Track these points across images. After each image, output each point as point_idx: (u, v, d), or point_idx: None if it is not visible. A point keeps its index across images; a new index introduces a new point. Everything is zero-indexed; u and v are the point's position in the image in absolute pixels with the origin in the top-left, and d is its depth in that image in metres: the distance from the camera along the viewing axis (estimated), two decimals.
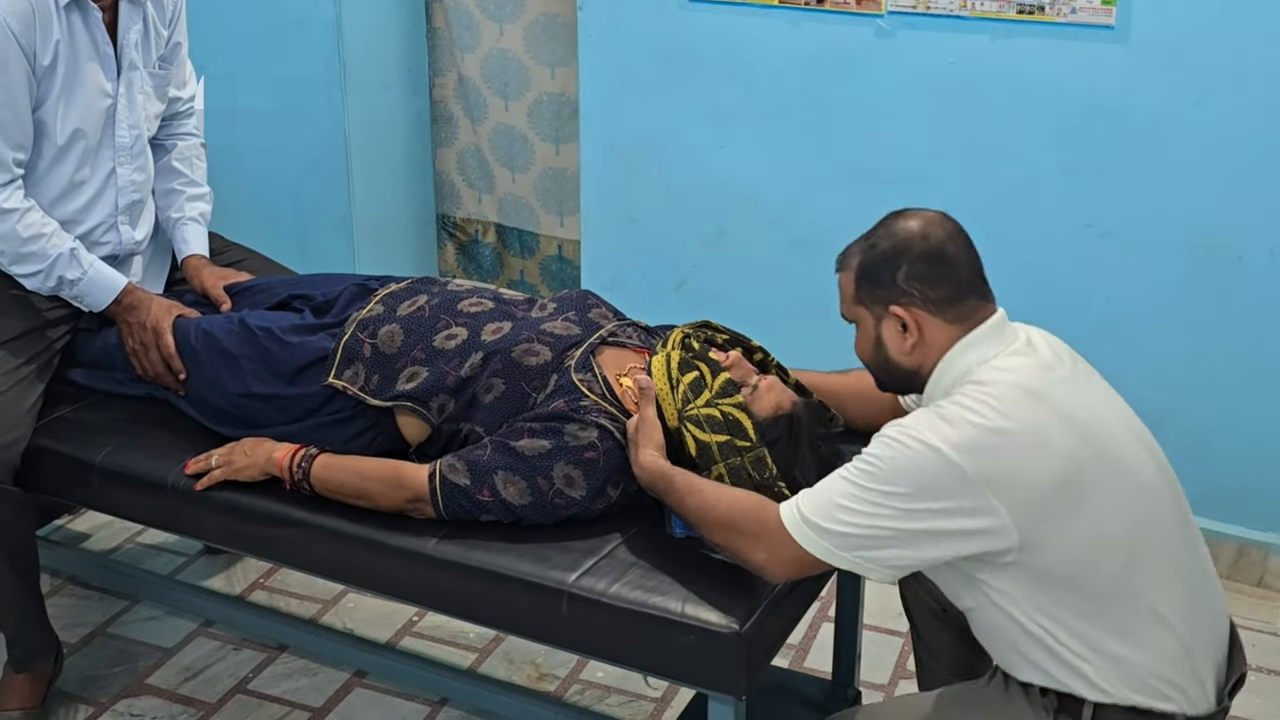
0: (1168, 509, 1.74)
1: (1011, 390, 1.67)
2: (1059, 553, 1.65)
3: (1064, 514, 1.64)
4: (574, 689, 2.67)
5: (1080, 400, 1.71)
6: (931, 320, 1.75)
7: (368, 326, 2.26)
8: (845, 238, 3.20)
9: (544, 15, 3.93)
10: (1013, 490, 1.62)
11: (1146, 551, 1.68)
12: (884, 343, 1.80)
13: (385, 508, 2.06)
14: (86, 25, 2.39)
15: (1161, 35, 2.75)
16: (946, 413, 1.67)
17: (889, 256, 1.76)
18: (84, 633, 2.82)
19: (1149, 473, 1.73)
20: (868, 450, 1.69)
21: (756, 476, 1.90)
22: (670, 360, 2.00)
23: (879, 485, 1.65)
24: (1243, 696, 2.63)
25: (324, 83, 3.83)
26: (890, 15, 2.99)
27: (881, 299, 1.77)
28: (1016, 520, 1.62)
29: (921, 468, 1.63)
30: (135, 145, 2.55)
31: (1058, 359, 1.75)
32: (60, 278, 2.41)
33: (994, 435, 1.63)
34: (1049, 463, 1.63)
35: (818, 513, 1.70)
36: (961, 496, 1.62)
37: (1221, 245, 2.83)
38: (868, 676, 2.60)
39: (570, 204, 4.09)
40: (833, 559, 1.69)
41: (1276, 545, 2.99)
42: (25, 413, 2.37)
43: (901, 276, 1.75)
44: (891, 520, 1.65)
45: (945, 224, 1.78)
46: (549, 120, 4.05)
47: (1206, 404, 2.94)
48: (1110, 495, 1.66)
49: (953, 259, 1.75)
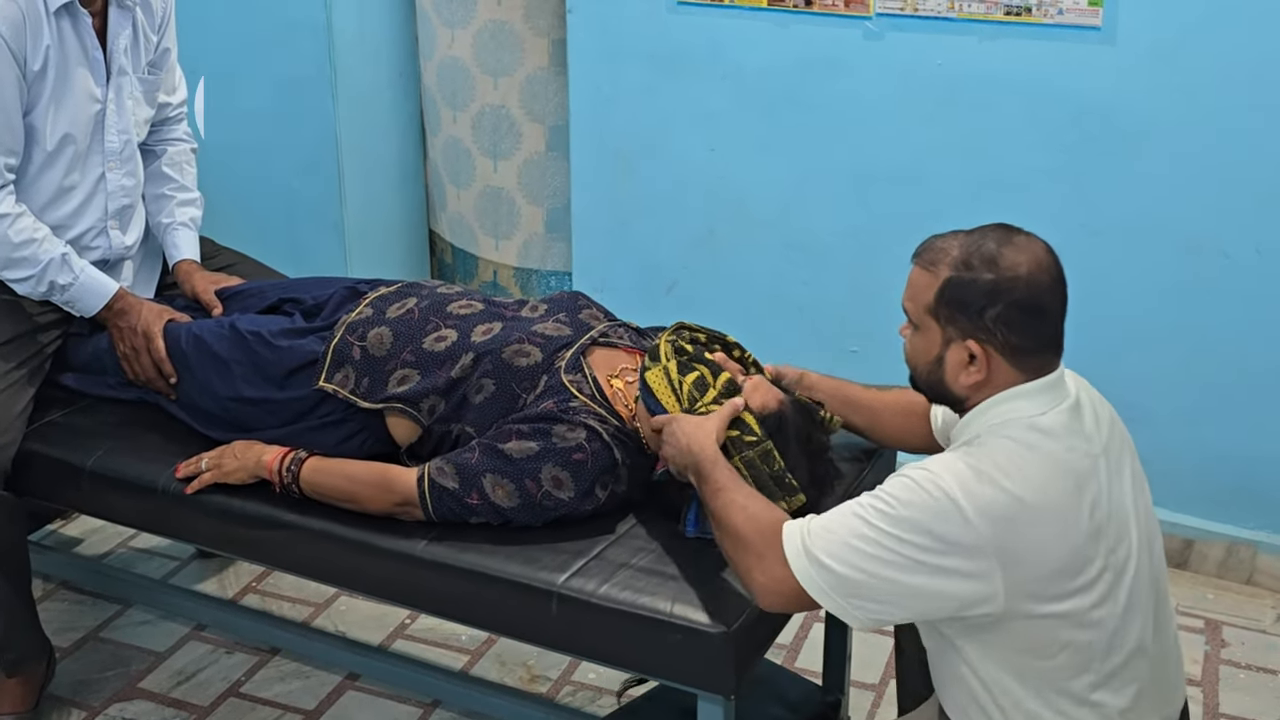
0: (1148, 613, 1.72)
1: (1050, 464, 1.62)
2: (1030, 632, 1.63)
3: (1053, 600, 1.61)
4: (566, 690, 2.67)
5: (1108, 491, 1.66)
6: (1003, 364, 1.67)
7: (357, 329, 2.27)
8: (835, 239, 3.24)
9: (492, 22, 3.69)
10: (1018, 568, 1.59)
11: (1111, 649, 1.67)
12: (944, 364, 1.70)
13: (374, 511, 2.07)
14: (76, 31, 2.40)
15: (1148, 36, 2.76)
16: (978, 463, 1.61)
17: (986, 291, 1.65)
18: (76, 637, 2.83)
19: (1141, 576, 1.70)
20: (887, 489, 1.64)
21: (767, 469, 1.89)
22: (669, 371, 2.01)
23: (892, 529, 1.60)
24: (1232, 694, 2.66)
25: (315, 86, 3.83)
26: (878, 17, 3.00)
27: (961, 327, 1.67)
28: (1008, 596, 1.59)
29: (938, 519, 1.58)
30: (125, 150, 2.55)
31: (1097, 429, 1.71)
32: (51, 283, 2.41)
33: (1019, 507, 1.59)
34: (1061, 551, 1.60)
35: (822, 547, 1.65)
36: (968, 559, 1.59)
37: (1209, 244, 2.84)
38: (858, 677, 2.61)
39: (506, 226, 3.89)
40: (824, 599, 1.65)
41: (1265, 543, 3.00)
42: (16, 417, 2.37)
43: (991, 316, 1.64)
44: (895, 570, 1.61)
45: (1052, 270, 1.68)
46: (488, 134, 3.80)
47: (1195, 402, 2.95)
48: (1100, 594, 1.64)
49: (1047, 314, 1.68)
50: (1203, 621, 2.89)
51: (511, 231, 3.88)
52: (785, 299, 3.32)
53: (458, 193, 3.99)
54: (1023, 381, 1.68)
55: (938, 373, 1.71)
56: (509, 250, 3.92)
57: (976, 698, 1.70)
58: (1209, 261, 2.85)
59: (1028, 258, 1.67)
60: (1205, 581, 3.02)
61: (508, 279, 3.96)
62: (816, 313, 3.30)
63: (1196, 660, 2.76)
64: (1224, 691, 2.67)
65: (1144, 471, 1.78)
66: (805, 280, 3.29)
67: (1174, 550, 3.07)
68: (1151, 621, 1.72)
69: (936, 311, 1.68)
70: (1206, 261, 2.85)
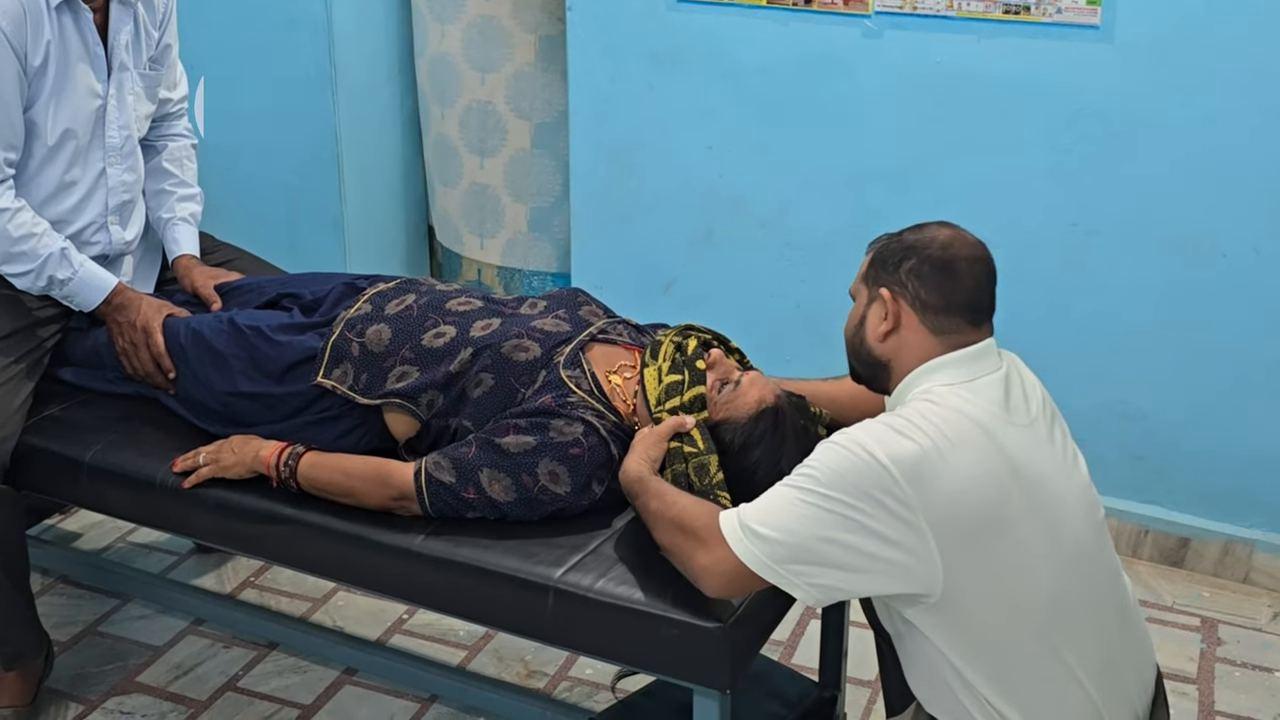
0: (1101, 576, 1.75)
1: (960, 419, 1.68)
2: (978, 604, 1.66)
3: (985, 553, 1.65)
4: (563, 686, 2.68)
5: (1029, 452, 1.71)
6: (912, 318, 1.77)
7: (355, 325, 2.27)
8: (833, 237, 3.24)
9: (481, 17, 3.68)
10: (941, 513, 1.63)
11: (1066, 616, 1.69)
12: (866, 323, 1.81)
13: (371, 505, 2.07)
14: (77, 26, 2.40)
15: (1146, 34, 2.77)
16: (894, 423, 1.68)
17: (905, 247, 1.79)
18: (74, 631, 2.83)
19: (1084, 540, 1.73)
20: (813, 457, 1.71)
21: (697, 483, 1.92)
22: (661, 371, 2.03)
23: (817, 488, 1.66)
24: (1229, 691, 2.66)
25: (315, 83, 3.83)
26: (877, 15, 3.01)
27: (879, 280, 1.79)
28: (942, 551, 1.63)
29: (861, 475, 1.64)
30: (125, 146, 2.56)
31: (1025, 406, 1.75)
32: (51, 277, 2.42)
33: (935, 458, 1.64)
34: (980, 494, 1.64)
35: (755, 518, 1.70)
36: (897, 521, 1.63)
37: (1207, 243, 2.85)
38: (854, 673, 2.62)
39: (491, 224, 3.89)
40: (766, 572, 1.69)
41: (1262, 541, 3.00)
42: (14, 411, 2.38)
43: (905, 268, 1.77)
44: (826, 528, 1.65)
45: (975, 248, 1.79)
46: (476, 131, 3.80)
47: (1192, 401, 2.96)
48: (1034, 549, 1.67)
49: (959, 275, 1.76)
50: (1199, 620, 2.89)
51: (496, 230, 3.87)
52: (783, 297, 3.32)
53: (445, 191, 3.98)
54: (938, 350, 1.76)
55: (860, 334, 1.83)
56: (493, 249, 3.92)
57: (941, 675, 1.72)
58: (1207, 261, 2.86)
59: (952, 232, 1.80)
60: (1201, 580, 3.02)
61: (491, 278, 3.95)
62: (814, 311, 3.30)
63: (1192, 658, 2.77)
64: (1219, 690, 2.68)
65: (1079, 449, 1.83)
66: (803, 278, 3.29)
67: (1170, 548, 3.08)
68: (1107, 588, 1.76)
69: (866, 276, 1.83)
70: (1204, 261, 2.86)
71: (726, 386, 2.01)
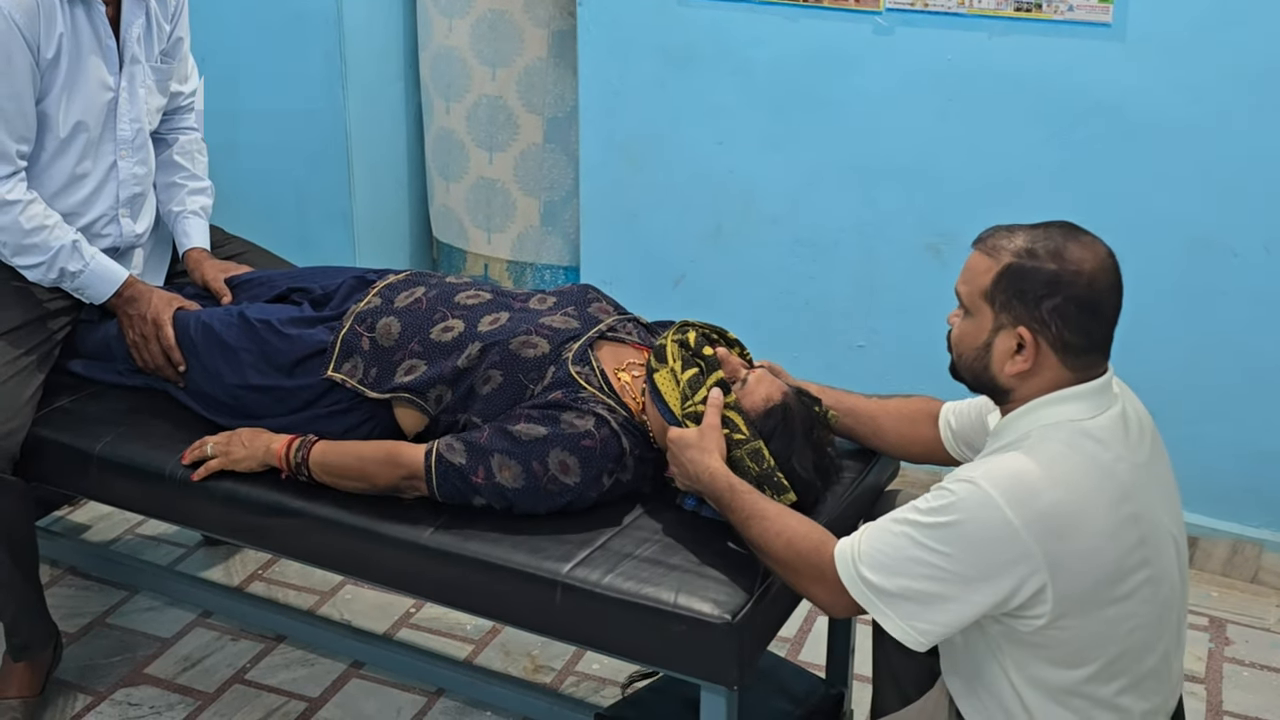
0: (1178, 620, 1.74)
1: (1098, 473, 1.62)
2: (1064, 636, 1.63)
3: (1096, 607, 1.62)
4: (570, 681, 2.68)
5: (1147, 493, 1.66)
6: (1052, 358, 1.66)
7: (365, 319, 2.28)
8: (842, 233, 3.24)
9: (491, 11, 3.68)
10: (1065, 576, 1.59)
11: (1143, 655, 1.68)
12: (992, 350, 1.69)
13: (381, 486, 2.08)
14: (89, 18, 2.41)
15: (1158, 32, 2.76)
16: (1025, 470, 1.60)
17: (1047, 280, 1.63)
18: (83, 622, 2.84)
19: (1175, 586, 1.71)
20: (935, 500, 1.63)
21: (755, 469, 1.91)
22: (675, 372, 2.02)
23: (942, 548, 1.61)
24: (1236, 692, 2.66)
25: (325, 78, 3.84)
26: (888, 12, 3.00)
27: (1015, 313, 1.65)
28: (1056, 601, 1.60)
29: (991, 545, 1.58)
30: (137, 138, 2.56)
31: (1140, 439, 1.71)
32: (62, 270, 2.42)
33: (1071, 517, 1.58)
34: (1106, 560, 1.61)
35: (871, 564, 1.66)
36: (1018, 577, 1.59)
37: (1217, 241, 2.84)
38: (861, 670, 2.61)
39: (500, 219, 3.88)
40: (882, 618, 1.66)
41: (1271, 542, 3.00)
42: (25, 403, 2.38)
43: (1048, 306, 1.63)
44: (947, 587, 1.61)
45: (1113, 273, 1.67)
46: (484, 125, 3.80)
47: (1202, 400, 2.95)
48: (1139, 603, 1.65)
49: (1104, 314, 1.66)
50: (1207, 619, 2.89)
51: (506, 224, 3.87)
52: (792, 293, 3.32)
53: (446, 186, 3.97)
54: (1068, 381, 1.67)
55: (983, 359, 1.70)
56: (502, 243, 3.91)
57: (1003, 703, 1.70)
58: (1218, 259, 2.85)
59: (1092, 256, 1.65)
60: (1210, 579, 3.01)
61: (500, 272, 3.94)
62: (823, 307, 3.30)
63: (1200, 658, 2.76)
64: (1228, 689, 2.67)
65: None
66: (812, 275, 3.29)
67: None
68: (1175, 627, 1.74)
69: (992, 296, 1.67)
70: (1215, 259, 2.85)
71: (734, 384, 2.01)
